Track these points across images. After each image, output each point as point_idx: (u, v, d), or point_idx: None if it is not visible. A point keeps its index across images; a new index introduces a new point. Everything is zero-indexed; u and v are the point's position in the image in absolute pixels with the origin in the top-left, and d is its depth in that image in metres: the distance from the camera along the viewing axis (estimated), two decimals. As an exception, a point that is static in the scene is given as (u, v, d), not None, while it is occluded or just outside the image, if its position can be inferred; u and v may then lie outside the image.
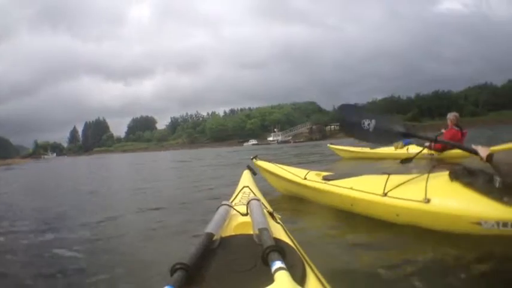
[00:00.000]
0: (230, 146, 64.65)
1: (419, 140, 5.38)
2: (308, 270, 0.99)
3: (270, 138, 70.81)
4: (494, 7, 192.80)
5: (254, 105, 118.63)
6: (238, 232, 1.27)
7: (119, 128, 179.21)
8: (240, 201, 1.76)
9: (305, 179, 3.27)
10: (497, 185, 2.03)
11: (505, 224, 1.89)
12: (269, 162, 4.02)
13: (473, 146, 2.36)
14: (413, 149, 6.30)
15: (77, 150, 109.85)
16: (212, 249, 1.10)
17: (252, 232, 1.18)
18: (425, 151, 5.83)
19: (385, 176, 2.51)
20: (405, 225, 2.20)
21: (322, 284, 0.95)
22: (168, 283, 0.82)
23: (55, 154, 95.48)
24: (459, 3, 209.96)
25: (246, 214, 1.39)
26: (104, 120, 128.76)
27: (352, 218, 2.65)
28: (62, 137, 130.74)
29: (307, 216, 2.87)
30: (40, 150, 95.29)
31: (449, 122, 6.33)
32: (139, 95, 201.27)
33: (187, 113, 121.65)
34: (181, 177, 8.76)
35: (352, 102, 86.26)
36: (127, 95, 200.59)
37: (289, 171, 3.57)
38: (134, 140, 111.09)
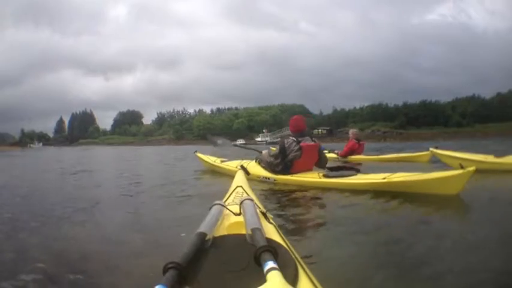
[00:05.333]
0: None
1: (332, 148, 9.48)
2: (300, 270, 1.00)
3: (259, 139, 70.61)
4: (473, 18, 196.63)
5: (230, 105, 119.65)
6: (231, 232, 1.27)
7: (104, 120, 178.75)
8: (233, 201, 1.77)
9: (214, 162, 6.47)
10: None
11: (266, 178, 4.68)
12: (203, 154, 7.23)
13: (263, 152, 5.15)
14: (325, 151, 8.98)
15: (63, 141, 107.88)
16: (205, 248, 1.10)
17: (244, 232, 1.19)
18: (334, 155, 8.66)
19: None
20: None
21: (314, 285, 0.96)
22: (160, 282, 0.82)
23: (41, 144, 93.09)
24: (437, 14, 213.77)
25: (239, 214, 1.40)
26: (91, 112, 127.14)
27: (346, 219, 2.78)
28: (46, 127, 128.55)
29: (300, 217, 2.90)
30: (26, 139, 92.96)
31: (350, 136, 8.89)
32: (120, 89, 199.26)
33: (174, 109, 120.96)
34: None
35: (337, 107, 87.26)
36: (108, 89, 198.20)
37: (210, 159, 6.73)
38: (120, 134, 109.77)
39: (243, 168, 3.00)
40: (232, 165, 5.73)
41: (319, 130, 72.01)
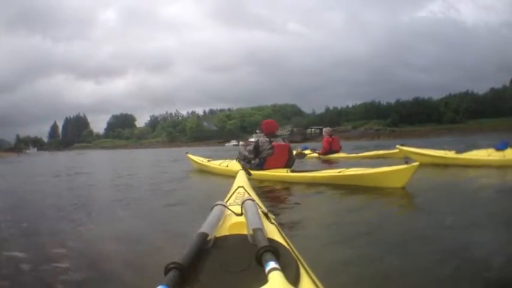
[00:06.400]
0: (210, 145, 64.72)
1: (314, 147, 11.05)
2: (302, 271, 0.99)
3: (252, 139, 70.37)
4: (463, 13, 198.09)
5: (223, 106, 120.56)
6: (233, 232, 1.26)
7: (98, 124, 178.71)
8: (234, 201, 1.75)
9: (202, 162, 7.38)
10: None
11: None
12: (193, 154, 8.20)
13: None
14: (307, 152, 9.78)
15: (57, 146, 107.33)
16: (206, 249, 1.09)
17: (246, 232, 1.18)
18: (315, 154, 9.92)
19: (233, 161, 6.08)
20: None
21: (316, 285, 0.95)
22: (162, 282, 0.81)
23: (36, 149, 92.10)
24: (427, 11, 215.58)
25: (241, 214, 1.39)
26: (85, 116, 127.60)
27: (347, 218, 2.83)
28: (40, 132, 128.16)
29: (302, 217, 2.89)
30: (21, 144, 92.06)
31: (324, 134, 10.38)
32: (113, 93, 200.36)
33: (166, 112, 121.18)
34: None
35: (330, 106, 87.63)
36: (100, 93, 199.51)
37: (199, 159, 7.64)
38: (114, 137, 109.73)
39: (244, 169, 3.04)
40: (216, 163, 6.81)
41: (312, 129, 72.13)
